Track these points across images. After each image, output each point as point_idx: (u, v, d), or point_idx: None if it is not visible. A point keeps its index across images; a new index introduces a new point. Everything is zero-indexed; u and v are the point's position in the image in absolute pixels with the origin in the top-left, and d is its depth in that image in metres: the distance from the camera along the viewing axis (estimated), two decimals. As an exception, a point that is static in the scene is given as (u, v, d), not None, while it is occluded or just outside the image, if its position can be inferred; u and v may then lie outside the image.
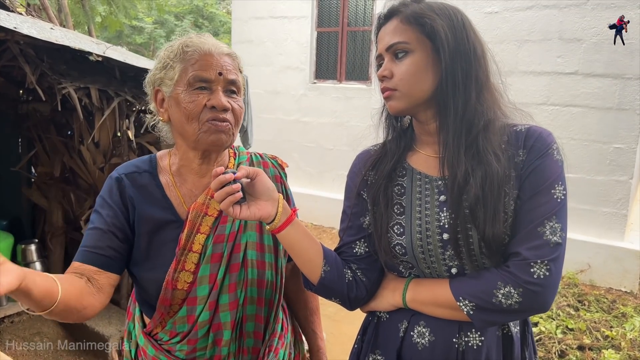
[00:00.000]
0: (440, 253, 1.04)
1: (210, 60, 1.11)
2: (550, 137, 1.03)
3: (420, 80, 1.03)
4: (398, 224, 1.09)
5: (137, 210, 1.16)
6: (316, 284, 1.12)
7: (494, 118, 1.03)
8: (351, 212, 1.18)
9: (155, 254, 1.17)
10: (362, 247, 1.16)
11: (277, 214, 1.05)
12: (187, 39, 1.15)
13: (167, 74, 1.14)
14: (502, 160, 1.00)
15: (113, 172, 1.21)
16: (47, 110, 3.30)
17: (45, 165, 3.53)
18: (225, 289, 1.15)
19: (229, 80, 1.13)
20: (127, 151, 3.00)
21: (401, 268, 1.12)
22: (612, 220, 4.54)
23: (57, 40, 2.35)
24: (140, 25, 14.21)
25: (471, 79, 1.01)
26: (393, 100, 1.06)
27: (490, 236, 0.97)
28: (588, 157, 4.56)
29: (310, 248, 1.11)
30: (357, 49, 6.06)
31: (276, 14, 6.41)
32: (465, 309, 0.99)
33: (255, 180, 1.04)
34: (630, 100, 4.37)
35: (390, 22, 1.06)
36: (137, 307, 1.28)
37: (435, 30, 1.00)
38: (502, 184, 0.98)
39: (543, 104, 4.74)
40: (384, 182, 1.12)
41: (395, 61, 1.05)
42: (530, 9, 4.74)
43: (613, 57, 4.39)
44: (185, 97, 1.10)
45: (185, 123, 1.11)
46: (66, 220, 3.61)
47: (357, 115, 5.95)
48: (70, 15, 6.38)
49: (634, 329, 3.56)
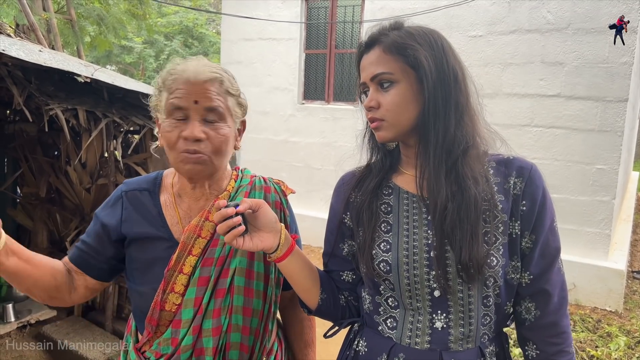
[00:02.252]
0: (425, 272, 1.04)
1: (187, 88, 1.09)
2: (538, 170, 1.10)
3: (406, 109, 1.04)
4: (385, 241, 1.08)
5: (129, 226, 1.20)
6: (313, 310, 1.19)
7: (473, 144, 1.05)
8: (334, 239, 1.20)
9: (144, 269, 1.18)
10: (349, 276, 1.21)
11: (279, 245, 1.07)
12: (173, 66, 1.15)
13: (158, 101, 1.16)
14: (482, 184, 1.02)
15: (122, 185, 1.27)
16: (34, 131, 3.30)
17: (30, 186, 3.51)
18: (210, 314, 1.14)
19: (207, 107, 1.10)
20: (114, 172, 2.99)
21: (381, 289, 1.11)
22: (596, 240, 4.60)
23: (46, 63, 2.36)
24: (130, 45, 14.26)
25: (451, 105, 1.03)
26: (381, 130, 1.07)
27: (466, 259, 0.98)
28: (571, 177, 4.63)
29: (309, 276, 1.15)
30: (344, 70, 6.14)
31: (265, 36, 6.49)
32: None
33: (257, 212, 1.05)
34: (611, 122, 4.47)
35: (372, 50, 1.07)
36: (134, 320, 1.28)
37: (419, 61, 1.01)
38: (480, 208, 1.00)
39: (527, 126, 4.82)
40: (369, 197, 1.12)
41: (381, 91, 1.05)
42: (513, 33, 4.85)
43: (594, 80, 4.50)
44: (165, 126, 1.12)
45: (167, 151, 1.14)
46: (51, 241, 3.58)
47: (345, 135, 6.00)
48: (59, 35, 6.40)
49: (619, 348, 3.58)
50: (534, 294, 1.08)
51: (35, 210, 3.50)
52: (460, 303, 1.04)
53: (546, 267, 1.07)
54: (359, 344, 1.16)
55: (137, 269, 1.20)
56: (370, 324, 1.15)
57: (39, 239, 3.52)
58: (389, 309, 1.10)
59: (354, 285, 1.21)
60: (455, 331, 1.04)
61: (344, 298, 1.22)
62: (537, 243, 1.06)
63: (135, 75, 14.97)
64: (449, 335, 1.05)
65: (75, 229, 3.27)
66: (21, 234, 3.75)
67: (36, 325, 3.32)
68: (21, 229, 3.72)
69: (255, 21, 6.28)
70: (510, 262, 1.06)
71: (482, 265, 0.99)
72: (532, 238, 1.06)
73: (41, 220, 3.51)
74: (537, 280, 1.07)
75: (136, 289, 1.20)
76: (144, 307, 1.17)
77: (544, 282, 1.07)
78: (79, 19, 7.71)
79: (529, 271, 1.08)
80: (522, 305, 1.11)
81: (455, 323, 1.04)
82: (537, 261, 1.07)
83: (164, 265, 1.15)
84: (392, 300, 1.10)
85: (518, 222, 1.06)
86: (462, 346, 1.05)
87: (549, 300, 1.08)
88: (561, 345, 1.08)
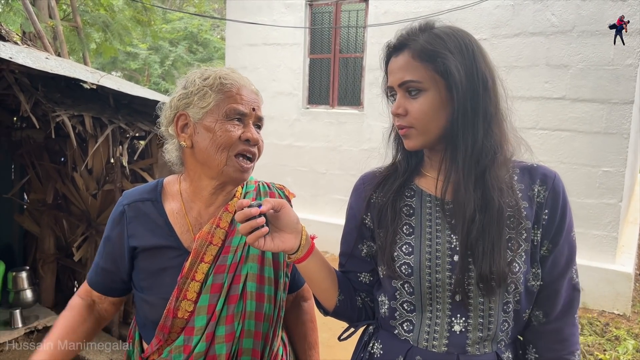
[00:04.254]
0: (448, 277, 1.03)
1: (247, 95, 1.16)
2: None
3: (435, 118, 1.01)
4: (407, 244, 1.07)
5: (136, 240, 1.20)
6: (330, 312, 1.19)
7: (501, 152, 1.03)
8: (353, 239, 1.20)
9: (153, 279, 1.18)
10: (366, 277, 1.21)
11: (300, 246, 1.07)
12: (222, 72, 1.17)
13: (199, 101, 1.14)
14: (506, 194, 1.01)
15: (122, 199, 1.26)
16: (41, 138, 3.32)
17: (37, 192, 3.53)
18: (223, 320, 1.15)
19: (259, 116, 1.19)
20: (120, 178, 3.01)
21: (397, 294, 1.09)
22: (603, 243, 4.57)
23: (52, 70, 2.38)
24: (135, 51, 14.32)
25: (479, 115, 1.00)
26: (410, 138, 1.05)
27: (487, 271, 0.97)
28: (577, 180, 4.61)
29: (327, 277, 1.15)
30: (349, 75, 6.15)
31: (269, 41, 6.51)
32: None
33: (280, 213, 1.05)
34: (617, 125, 4.45)
35: (401, 54, 1.04)
36: (137, 330, 1.28)
37: (449, 70, 0.98)
38: (503, 220, 1.00)
39: (532, 128, 4.81)
40: (392, 197, 1.11)
41: (409, 98, 1.02)
42: (517, 36, 4.85)
43: (599, 82, 4.48)
44: (219, 126, 1.12)
45: (213, 152, 1.12)
46: (58, 247, 3.59)
47: (350, 139, 6.00)
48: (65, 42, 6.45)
49: (627, 352, 3.56)
50: (541, 300, 1.09)
51: (42, 217, 3.52)
52: (481, 308, 1.03)
53: (557, 276, 1.07)
54: (374, 347, 1.16)
55: (145, 279, 1.20)
56: (385, 326, 1.14)
57: (46, 245, 3.53)
58: (404, 313, 1.10)
59: (370, 287, 1.21)
60: (474, 335, 1.04)
61: (361, 299, 1.21)
62: (552, 252, 1.07)
63: (141, 81, 15.04)
64: (467, 339, 1.04)
65: (82, 235, 3.28)
66: (28, 240, 3.77)
67: (43, 331, 3.33)
68: (28, 235, 3.74)
69: (260, 27, 6.31)
70: (531, 269, 1.06)
71: (503, 277, 0.98)
72: (550, 246, 1.07)
73: (48, 226, 3.53)
74: (546, 287, 1.07)
75: (145, 298, 1.19)
76: (153, 316, 1.17)
77: (552, 290, 1.08)
78: (84, 26, 7.77)
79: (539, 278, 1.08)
80: (529, 312, 1.10)
81: (474, 327, 1.04)
82: (549, 269, 1.07)
83: (173, 274, 1.15)
84: (408, 304, 1.09)
85: (540, 230, 1.06)
86: (480, 350, 1.05)
87: (554, 308, 1.08)
88: (561, 352, 1.08)
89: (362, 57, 5.97)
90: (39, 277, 3.56)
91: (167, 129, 1.21)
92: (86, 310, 1.28)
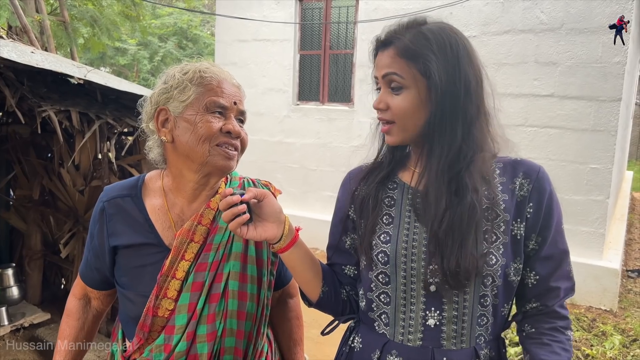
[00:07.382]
0: (423, 266, 1.03)
1: (228, 89, 1.15)
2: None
3: (414, 116, 1.03)
4: (385, 233, 1.09)
5: (116, 238, 1.19)
6: (314, 303, 1.20)
7: (480, 153, 1.04)
8: (338, 232, 1.22)
9: (133, 276, 1.18)
10: (351, 270, 1.23)
11: (283, 235, 1.09)
12: (202, 65, 1.16)
13: (179, 95, 1.13)
14: (481, 192, 1.01)
15: (102, 195, 1.25)
16: (27, 133, 3.28)
17: (24, 188, 3.48)
18: (204, 319, 1.14)
19: (241, 110, 1.17)
20: (108, 173, 2.98)
21: (372, 285, 1.11)
22: (591, 240, 4.62)
23: (38, 64, 2.35)
24: (124, 46, 14.20)
25: (458, 118, 1.01)
26: (391, 134, 1.07)
27: (452, 266, 0.98)
28: (565, 177, 4.65)
29: (311, 268, 1.16)
30: (339, 71, 6.14)
31: (259, 37, 6.48)
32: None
33: (262, 202, 1.07)
34: (605, 122, 4.49)
35: (387, 50, 1.05)
36: (121, 328, 1.27)
37: (430, 71, 1.00)
38: (474, 217, 1.00)
39: (521, 126, 4.84)
40: (375, 188, 1.13)
41: (391, 94, 1.05)
42: (507, 33, 4.87)
43: (587, 80, 4.52)
44: (200, 118, 1.11)
45: (194, 144, 1.11)
46: (45, 243, 3.56)
47: (340, 136, 6.00)
48: (52, 37, 6.37)
49: (614, 347, 3.60)
50: (540, 293, 1.09)
51: (29, 213, 3.48)
52: (455, 300, 1.04)
53: (554, 268, 1.08)
54: (354, 341, 1.17)
55: (125, 275, 1.19)
56: (365, 320, 1.16)
57: (33, 241, 3.50)
58: (381, 304, 1.11)
59: (355, 280, 1.22)
60: (448, 329, 1.04)
61: (346, 292, 1.22)
62: (543, 244, 1.07)
63: (130, 77, 14.91)
64: (442, 332, 1.05)
65: (69, 231, 3.24)
66: (14, 236, 3.73)
67: (30, 329, 3.30)
68: (15, 231, 3.70)
69: (250, 22, 6.27)
70: (512, 263, 1.05)
71: (476, 271, 0.99)
72: (539, 240, 1.07)
73: (35, 222, 3.49)
74: (544, 280, 1.08)
75: (126, 294, 1.18)
76: (134, 314, 1.16)
77: (552, 282, 1.08)
78: (72, 20, 7.67)
79: (534, 271, 1.08)
80: (527, 307, 1.11)
81: (448, 320, 1.04)
82: (544, 262, 1.07)
83: (153, 271, 1.14)
84: (385, 296, 1.10)
85: (523, 223, 1.06)
86: (456, 345, 1.05)
87: (555, 298, 1.08)
88: (556, 323, 1.08)
89: (353, 53, 5.97)
90: (25, 274, 3.52)
91: (148, 124, 1.20)
92: (84, 312, 1.33)
